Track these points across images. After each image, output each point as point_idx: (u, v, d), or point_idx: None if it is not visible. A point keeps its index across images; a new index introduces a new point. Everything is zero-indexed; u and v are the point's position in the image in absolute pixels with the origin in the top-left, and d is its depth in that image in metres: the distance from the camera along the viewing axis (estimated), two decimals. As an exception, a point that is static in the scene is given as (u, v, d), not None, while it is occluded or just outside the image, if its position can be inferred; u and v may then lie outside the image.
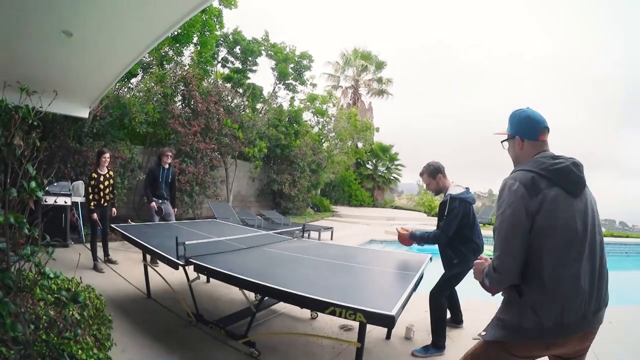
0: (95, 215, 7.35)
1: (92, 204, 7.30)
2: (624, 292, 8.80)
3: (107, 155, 7.49)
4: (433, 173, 4.67)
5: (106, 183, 7.42)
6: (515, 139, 2.42)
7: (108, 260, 7.32)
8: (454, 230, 4.45)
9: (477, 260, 2.52)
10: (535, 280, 2.14)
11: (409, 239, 4.80)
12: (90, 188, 7.28)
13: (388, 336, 4.88)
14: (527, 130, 2.39)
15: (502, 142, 2.55)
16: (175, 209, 8.71)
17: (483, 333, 2.36)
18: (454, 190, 4.56)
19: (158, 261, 5.51)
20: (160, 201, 8.32)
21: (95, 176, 7.29)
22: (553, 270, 2.10)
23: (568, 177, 2.19)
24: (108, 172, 7.54)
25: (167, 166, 8.37)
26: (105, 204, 7.48)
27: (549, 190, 2.15)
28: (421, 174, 4.79)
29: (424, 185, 21.06)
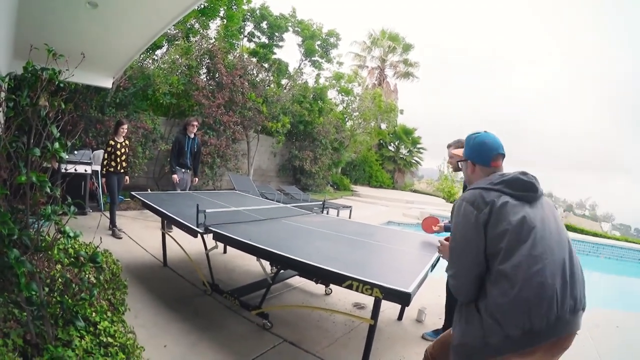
0: (104, 180, 7.53)
1: (104, 169, 7.46)
2: (636, 299, 8.74)
3: (125, 126, 7.64)
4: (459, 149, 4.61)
5: (123, 150, 7.55)
6: (468, 162, 2.47)
7: (113, 233, 7.38)
8: None
9: (444, 243, 2.62)
10: (495, 285, 2.05)
11: (444, 230, 4.76)
12: (106, 154, 7.43)
13: (400, 317, 4.90)
14: (478, 155, 2.42)
15: (458, 162, 2.67)
16: (197, 179, 8.77)
17: None
18: None
19: (173, 228, 5.58)
20: (183, 171, 8.41)
21: (113, 143, 7.44)
22: (513, 268, 2.01)
23: (516, 184, 2.20)
24: (124, 141, 7.66)
25: (192, 135, 8.44)
26: (122, 170, 7.60)
27: (497, 199, 2.15)
28: (448, 146, 4.70)
29: (445, 171, 20.95)
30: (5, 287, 2.11)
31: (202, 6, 13.55)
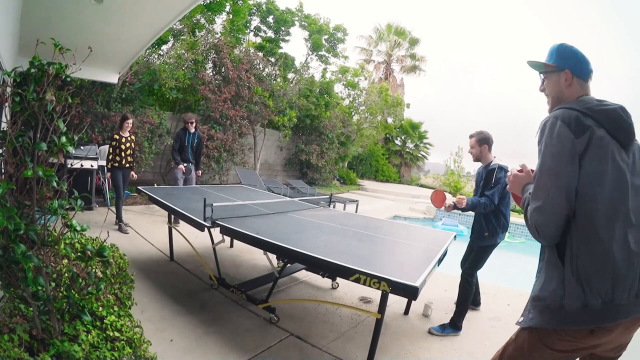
0: (109, 174, 7.54)
1: (109, 164, 7.45)
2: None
3: (130, 121, 7.58)
4: (481, 141, 4.63)
5: (127, 144, 7.51)
6: (563, 72, 2.06)
7: (120, 227, 7.40)
8: (498, 200, 4.43)
9: (517, 173, 2.16)
10: (583, 238, 1.76)
11: (454, 207, 4.78)
12: (111, 148, 7.43)
13: (406, 312, 4.89)
14: (579, 66, 2.04)
15: (541, 73, 2.17)
16: (199, 172, 8.92)
17: (520, 319, 1.96)
18: (499, 163, 4.54)
19: (180, 222, 5.60)
20: (185, 164, 8.45)
21: (117, 137, 7.42)
22: (606, 226, 1.73)
23: (616, 122, 1.85)
24: (130, 136, 7.62)
25: (192, 130, 8.47)
26: (127, 164, 7.56)
27: (596, 129, 1.81)
28: (471, 136, 4.73)
29: (451, 166, 20.87)
30: (12, 282, 2.11)
31: (208, 1, 13.54)
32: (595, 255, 1.72)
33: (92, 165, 8.84)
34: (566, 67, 2.05)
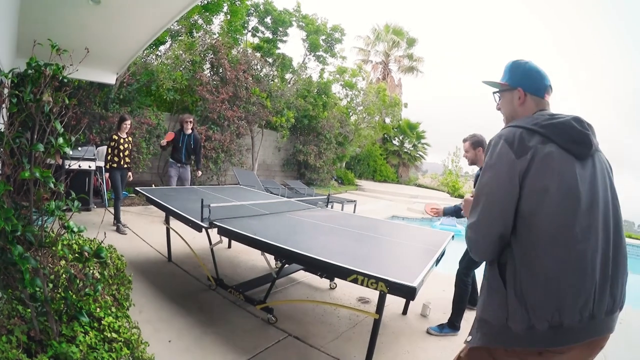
0: (107, 176, 7.60)
1: (108, 165, 7.46)
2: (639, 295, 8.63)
3: (128, 122, 7.60)
4: (475, 144, 4.62)
5: (125, 145, 7.55)
6: (516, 91, 2.04)
7: (118, 228, 7.39)
8: None
9: (469, 198, 2.10)
10: (525, 260, 1.70)
11: (442, 214, 4.81)
12: (110, 149, 7.44)
13: (404, 311, 4.89)
14: (532, 83, 2.02)
15: (494, 93, 2.17)
16: (200, 172, 8.98)
17: (469, 339, 1.92)
18: None
19: (176, 223, 5.61)
20: (178, 165, 8.52)
21: (116, 138, 7.45)
22: (550, 246, 1.66)
23: (567, 133, 1.78)
24: (127, 137, 7.66)
25: (189, 132, 8.50)
26: (125, 165, 7.59)
27: (541, 146, 1.75)
28: (464, 140, 4.72)
29: (449, 166, 20.92)
30: (9, 284, 2.11)
31: (206, 1, 13.52)
32: (537, 279, 1.66)
33: (89, 166, 8.82)
34: (518, 85, 2.03)
